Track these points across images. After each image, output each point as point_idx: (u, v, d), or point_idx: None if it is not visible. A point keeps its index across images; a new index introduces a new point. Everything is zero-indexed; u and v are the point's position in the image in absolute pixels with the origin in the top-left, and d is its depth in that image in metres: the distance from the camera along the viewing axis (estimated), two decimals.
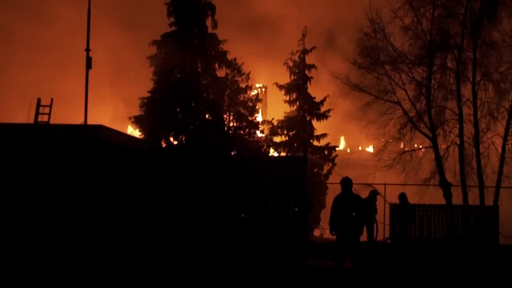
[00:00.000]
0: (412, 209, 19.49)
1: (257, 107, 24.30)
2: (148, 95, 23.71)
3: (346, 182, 13.22)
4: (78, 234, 16.68)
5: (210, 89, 23.82)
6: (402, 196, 18.96)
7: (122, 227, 17.92)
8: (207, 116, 23.68)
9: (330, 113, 33.54)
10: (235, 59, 23.87)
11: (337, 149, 34.25)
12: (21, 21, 34.83)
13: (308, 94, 34.04)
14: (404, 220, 18.99)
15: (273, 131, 24.70)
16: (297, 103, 34.06)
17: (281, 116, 33.00)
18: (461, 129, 22.93)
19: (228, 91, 23.70)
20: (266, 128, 24.40)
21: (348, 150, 47.96)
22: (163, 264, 16.10)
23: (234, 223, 19.03)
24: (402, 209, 18.92)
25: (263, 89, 38.36)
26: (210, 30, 24.11)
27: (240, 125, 23.81)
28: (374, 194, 19.37)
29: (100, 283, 13.40)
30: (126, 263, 15.78)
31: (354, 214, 12.97)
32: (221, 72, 23.99)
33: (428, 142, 23.36)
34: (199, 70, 24.01)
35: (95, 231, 16.90)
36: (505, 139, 22.91)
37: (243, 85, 23.81)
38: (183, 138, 23.25)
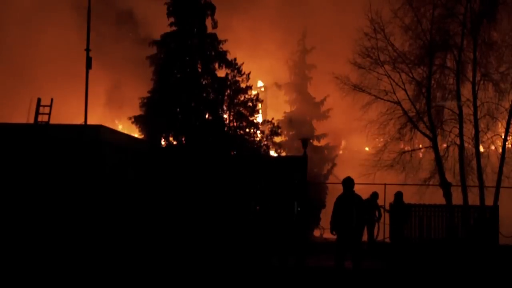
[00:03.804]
0: (407, 209, 19.46)
1: (257, 107, 24.28)
2: (148, 95, 23.70)
3: (348, 182, 13.20)
4: (78, 234, 16.68)
5: (210, 89, 23.78)
6: (397, 195, 18.96)
7: (122, 227, 17.92)
8: (207, 116, 23.65)
9: (330, 113, 33.61)
10: (235, 59, 23.83)
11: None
12: (20, 21, 34.80)
13: (308, 94, 34.10)
14: (398, 220, 18.97)
15: (273, 131, 24.70)
16: (297, 103, 34.12)
17: (281, 116, 33.03)
18: (461, 129, 22.94)
19: (228, 91, 23.68)
20: (266, 128, 24.36)
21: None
22: (163, 264, 16.10)
23: (234, 223, 19.03)
24: (396, 209, 18.93)
25: (263, 89, 38.40)
26: (210, 30, 24.09)
27: (240, 125, 23.78)
28: (375, 195, 19.39)
29: (100, 283, 13.41)
30: (126, 263, 15.78)
31: (355, 214, 12.96)
32: (221, 72, 23.94)
33: (428, 142, 23.39)
34: (199, 70, 23.96)
35: (95, 230, 16.90)
36: (505, 139, 22.94)
37: (243, 85, 23.79)
38: (183, 138, 23.22)
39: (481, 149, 22.97)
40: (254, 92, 24.75)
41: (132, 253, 16.84)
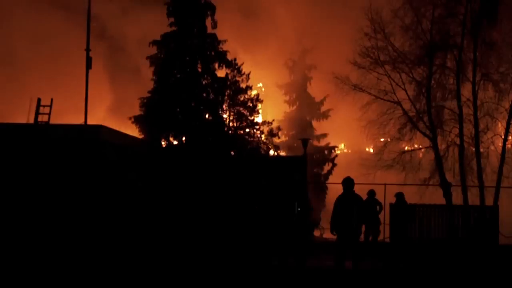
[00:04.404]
0: (411, 209, 19.46)
1: (257, 107, 24.30)
2: (148, 95, 23.70)
3: (348, 182, 13.20)
4: (78, 233, 16.67)
5: (210, 89, 23.79)
6: (399, 196, 18.97)
7: (122, 226, 17.91)
8: (207, 116, 23.65)
9: (330, 113, 33.67)
10: (235, 59, 23.85)
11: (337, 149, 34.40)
12: (20, 21, 34.83)
13: (308, 94, 34.13)
14: (402, 220, 18.97)
15: (272, 133, 24.77)
16: (297, 103, 34.16)
17: (281, 116, 33.08)
18: (461, 129, 22.94)
19: (228, 91, 23.70)
20: (266, 128, 24.38)
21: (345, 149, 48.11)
22: (163, 264, 16.10)
23: (234, 223, 19.02)
24: (399, 209, 18.93)
25: (263, 89, 38.46)
26: (210, 30, 24.11)
27: (240, 125, 23.80)
28: (372, 192, 19.38)
29: (100, 283, 13.41)
30: (127, 262, 15.78)
31: (355, 214, 12.97)
32: (221, 72, 23.96)
33: (428, 142, 23.39)
34: (199, 70, 23.96)
35: (95, 230, 16.90)
36: (505, 139, 22.94)
37: (243, 85, 23.81)
38: (183, 138, 23.24)
39: (481, 149, 22.95)
40: (254, 92, 24.76)
41: (132, 252, 16.83)
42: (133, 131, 23.90)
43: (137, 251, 17.10)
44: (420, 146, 23.94)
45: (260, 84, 36.92)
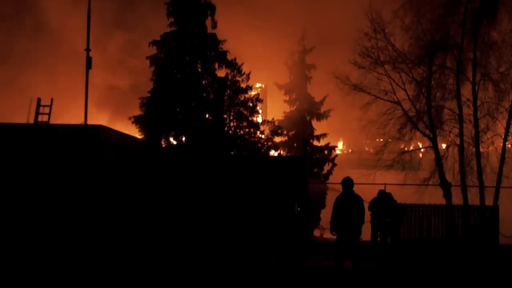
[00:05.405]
0: (399, 209, 19.44)
1: (257, 107, 24.29)
2: (148, 95, 23.71)
3: (347, 182, 13.23)
4: (78, 233, 16.68)
5: (210, 89, 23.80)
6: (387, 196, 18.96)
7: (121, 226, 17.91)
8: (207, 116, 23.66)
9: (330, 113, 33.68)
10: (235, 59, 23.85)
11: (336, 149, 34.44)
12: (20, 21, 34.86)
13: (308, 94, 34.13)
14: (391, 220, 18.96)
15: (274, 131, 24.78)
16: (297, 103, 34.16)
17: (281, 116, 33.11)
18: (461, 129, 22.94)
19: (228, 91, 23.70)
20: (266, 128, 24.37)
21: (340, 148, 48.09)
22: (163, 264, 16.10)
23: (234, 223, 19.03)
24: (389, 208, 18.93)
25: (263, 89, 38.45)
26: (209, 30, 24.13)
27: (240, 125, 23.80)
28: (383, 193, 19.36)
29: (99, 282, 13.41)
30: (125, 263, 15.78)
31: (355, 214, 13.00)
32: (221, 72, 23.97)
33: (428, 142, 23.39)
34: (199, 70, 23.98)
35: (95, 230, 16.90)
36: (505, 139, 22.92)
37: (243, 85, 23.81)
38: (183, 138, 23.25)
39: (481, 149, 22.95)
40: (254, 92, 24.77)
41: (131, 252, 16.83)
42: (133, 131, 23.92)
43: (137, 250, 17.10)
44: (420, 146, 23.95)
45: (259, 84, 36.92)
